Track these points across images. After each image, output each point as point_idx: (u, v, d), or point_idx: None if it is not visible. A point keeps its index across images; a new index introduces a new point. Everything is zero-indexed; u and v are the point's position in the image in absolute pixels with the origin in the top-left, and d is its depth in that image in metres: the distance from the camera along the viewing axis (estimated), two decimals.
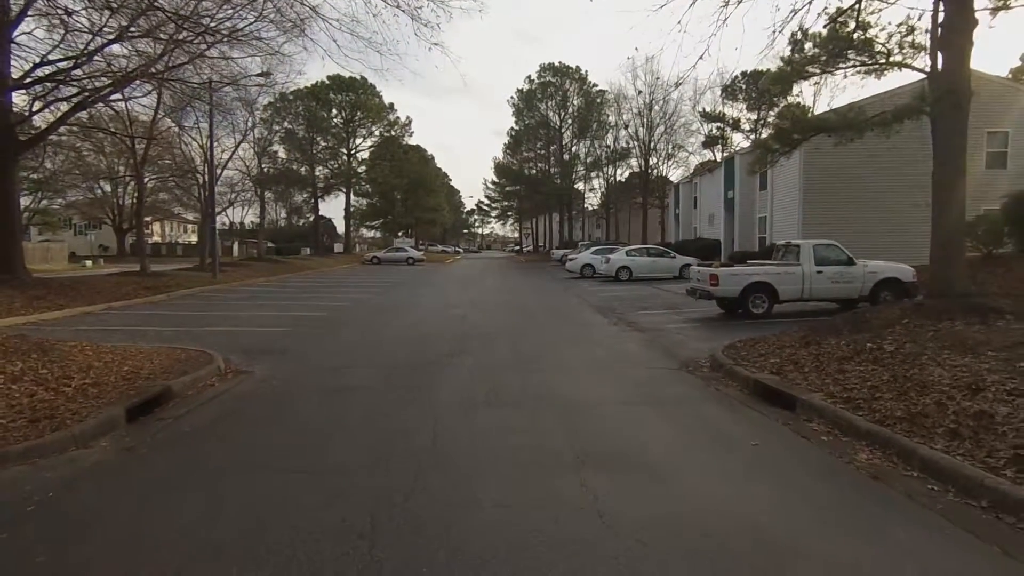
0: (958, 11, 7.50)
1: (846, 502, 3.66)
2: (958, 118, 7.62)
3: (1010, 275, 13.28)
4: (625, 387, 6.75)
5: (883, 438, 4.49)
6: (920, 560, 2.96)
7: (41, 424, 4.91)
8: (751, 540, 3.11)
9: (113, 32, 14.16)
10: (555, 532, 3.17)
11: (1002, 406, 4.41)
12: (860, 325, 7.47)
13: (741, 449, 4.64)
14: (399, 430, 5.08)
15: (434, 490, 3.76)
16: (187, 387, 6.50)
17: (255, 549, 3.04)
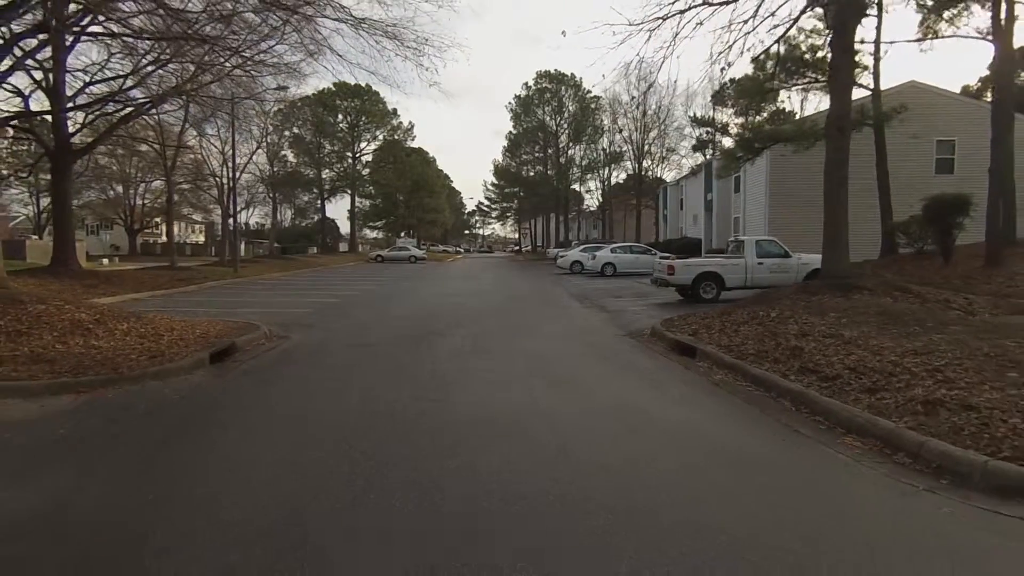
0: (841, 53, 9.59)
1: (691, 395, 5.83)
2: (842, 139, 9.69)
3: (931, 268, 15.37)
4: (579, 346, 8.90)
5: (735, 366, 6.64)
6: (713, 413, 5.13)
7: (157, 359, 7.07)
8: (630, 411, 5.27)
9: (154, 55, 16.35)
10: (505, 413, 5.31)
11: (811, 344, 6.56)
12: (762, 300, 9.62)
13: (643, 375, 6.81)
14: (406, 367, 7.24)
15: (429, 396, 5.91)
16: (246, 344, 8.66)
17: (322, 417, 5.21)
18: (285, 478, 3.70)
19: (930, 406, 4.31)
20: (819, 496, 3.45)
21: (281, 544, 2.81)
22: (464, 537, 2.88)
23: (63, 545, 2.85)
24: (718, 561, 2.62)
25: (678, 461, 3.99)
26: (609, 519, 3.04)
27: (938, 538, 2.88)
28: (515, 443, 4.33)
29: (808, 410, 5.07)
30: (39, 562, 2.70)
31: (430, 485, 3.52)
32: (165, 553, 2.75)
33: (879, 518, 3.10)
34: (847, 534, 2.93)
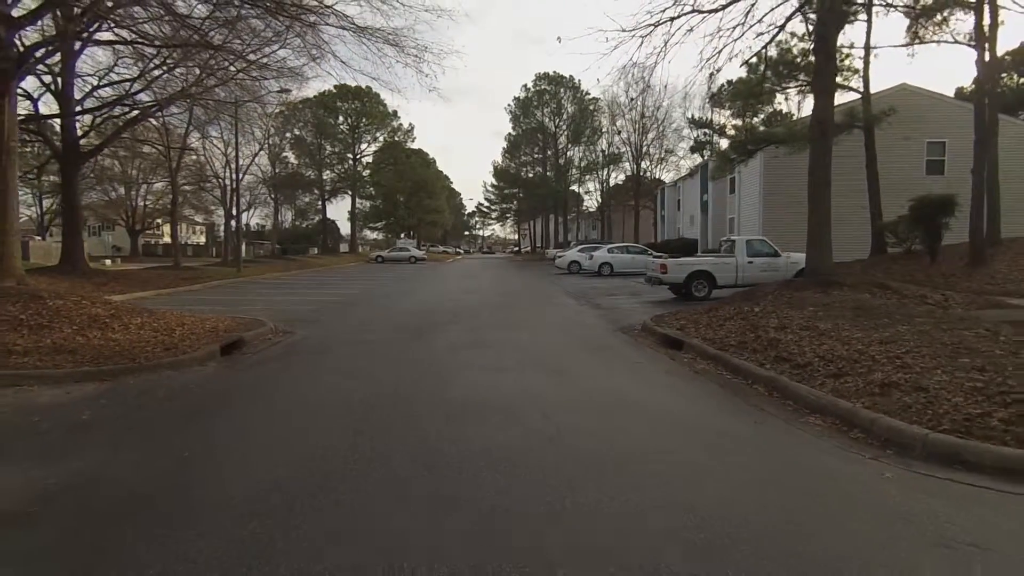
0: (823, 60, 10.00)
1: (673, 383, 6.24)
2: (824, 142, 10.08)
3: (918, 267, 15.78)
4: (570, 339, 9.31)
5: (717, 357, 7.05)
6: (691, 398, 5.53)
7: (171, 351, 7.48)
8: (613, 398, 5.68)
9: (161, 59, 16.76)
10: (498, 397, 5.72)
11: (788, 335, 6.97)
12: (748, 296, 10.03)
13: (630, 366, 7.21)
14: (406, 358, 7.65)
15: (425, 379, 6.32)
16: (254, 338, 9.06)
17: (323, 407, 5.62)
18: (300, 447, 4.11)
19: (886, 388, 4.72)
20: (775, 464, 3.86)
21: (301, 493, 3.22)
22: (455, 484, 3.28)
23: (96, 511, 3.24)
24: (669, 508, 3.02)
25: (652, 435, 4.39)
26: (579, 470, 3.45)
27: (874, 495, 3.29)
28: (505, 420, 4.73)
29: (779, 395, 5.48)
30: (75, 528, 3.07)
31: (427, 450, 3.94)
32: (200, 505, 3.16)
33: (825, 482, 3.51)
34: (794, 494, 3.34)
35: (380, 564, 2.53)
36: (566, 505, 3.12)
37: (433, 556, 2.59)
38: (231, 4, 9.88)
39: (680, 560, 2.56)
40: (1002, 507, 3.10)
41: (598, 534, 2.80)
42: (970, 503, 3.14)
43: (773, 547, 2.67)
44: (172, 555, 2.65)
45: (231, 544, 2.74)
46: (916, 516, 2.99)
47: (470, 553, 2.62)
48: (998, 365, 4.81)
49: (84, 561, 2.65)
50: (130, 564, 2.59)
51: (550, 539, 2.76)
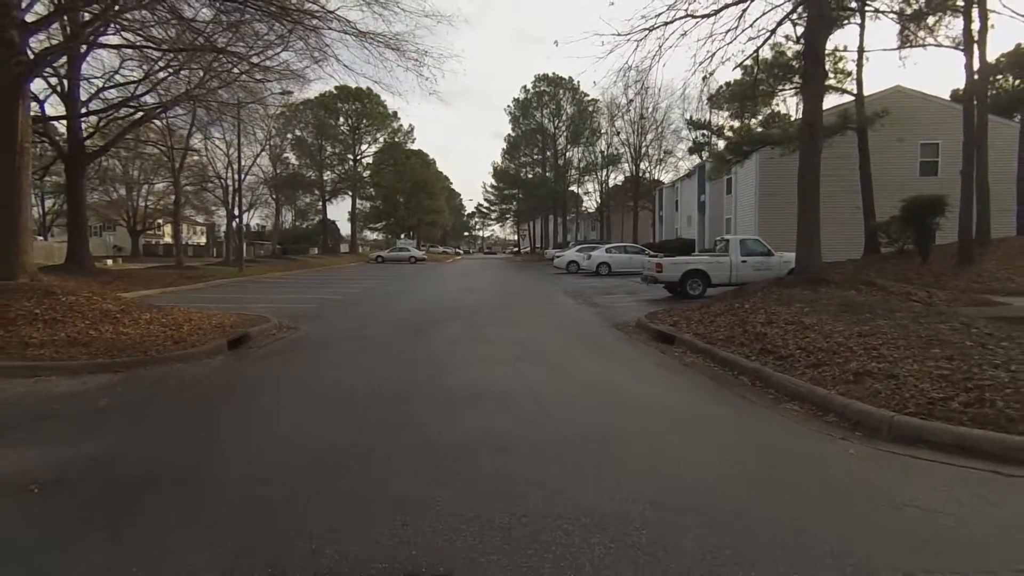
0: (812, 64, 10.29)
1: (662, 374, 6.53)
2: (813, 145, 10.37)
3: (909, 266, 16.07)
4: (567, 336, 9.59)
5: (707, 350, 7.33)
6: (679, 388, 5.82)
7: (180, 344, 7.76)
8: (605, 386, 5.97)
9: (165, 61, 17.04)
10: (494, 385, 6.01)
11: (774, 330, 7.26)
12: (740, 294, 10.31)
13: (623, 360, 7.50)
14: (407, 352, 7.94)
15: (428, 372, 6.61)
16: (259, 334, 9.34)
17: (329, 392, 5.91)
18: (309, 429, 4.39)
19: (860, 376, 5.00)
20: (749, 444, 4.14)
21: (320, 465, 3.51)
22: (452, 458, 3.57)
23: (120, 482, 3.53)
24: (643, 476, 3.31)
25: (638, 419, 4.68)
26: (566, 448, 3.73)
27: (836, 469, 3.57)
28: (501, 405, 5.01)
29: (762, 384, 5.76)
30: (102, 495, 3.35)
31: (425, 428, 4.22)
32: (218, 479, 3.45)
33: (792, 458, 3.80)
34: (762, 468, 3.63)
35: (385, 522, 2.81)
36: (551, 473, 3.41)
37: (433, 510, 2.88)
38: (236, 9, 10.12)
39: (650, 511, 2.85)
40: (955, 478, 3.38)
41: (579, 495, 3.09)
42: (924, 475, 3.43)
43: (733, 508, 2.96)
44: (192, 518, 2.93)
45: (251, 505, 3.03)
46: (872, 485, 3.27)
47: (468, 508, 2.91)
48: (966, 355, 5.10)
49: (111, 522, 2.93)
50: (155, 524, 2.87)
51: (533, 497, 3.04)
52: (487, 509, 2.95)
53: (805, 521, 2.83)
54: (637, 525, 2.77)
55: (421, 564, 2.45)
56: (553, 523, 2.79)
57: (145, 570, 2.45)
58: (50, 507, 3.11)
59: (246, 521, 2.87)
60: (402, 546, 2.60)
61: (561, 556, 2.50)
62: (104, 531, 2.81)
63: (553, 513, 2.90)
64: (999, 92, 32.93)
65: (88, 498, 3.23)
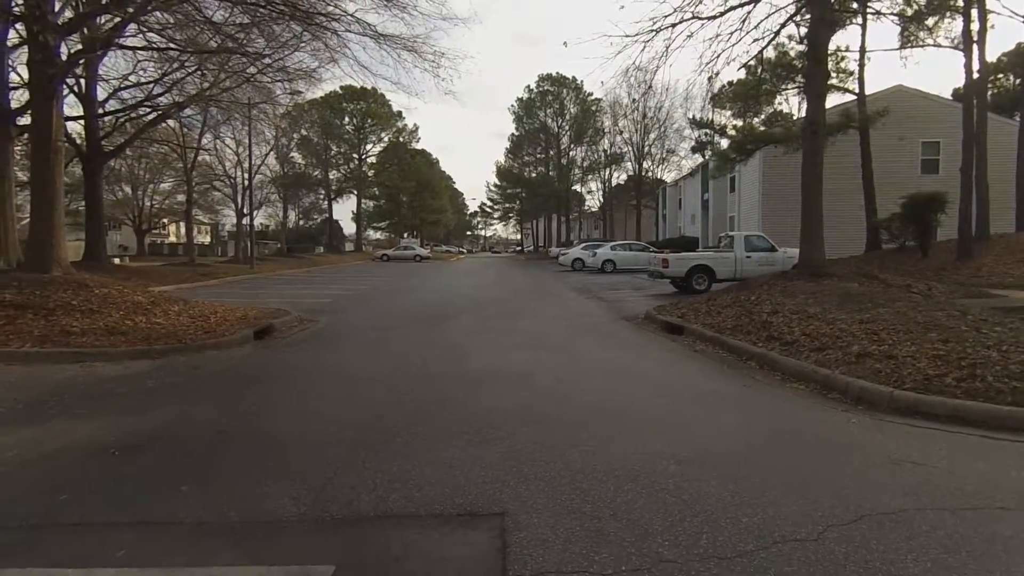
0: (814, 64, 10.62)
1: (673, 359, 6.88)
2: (816, 142, 10.70)
3: (909, 261, 16.39)
4: (577, 327, 9.95)
5: (715, 339, 7.68)
6: (689, 370, 6.18)
7: (210, 334, 8.12)
8: (618, 368, 6.32)
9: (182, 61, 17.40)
10: (513, 368, 6.37)
11: (779, 319, 7.60)
12: (745, 287, 10.66)
13: (633, 347, 7.86)
14: (425, 340, 8.31)
15: (446, 356, 6.97)
16: (281, 325, 9.70)
17: (362, 373, 6.27)
18: (351, 402, 4.76)
19: (861, 358, 5.35)
20: (755, 413, 4.49)
21: (369, 431, 3.87)
22: (490, 426, 3.93)
23: (189, 444, 3.90)
24: (660, 436, 3.66)
25: (654, 395, 5.03)
26: (592, 417, 4.09)
27: (838, 434, 3.92)
28: (526, 384, 5.37)
29: (769, 367, 6.11)
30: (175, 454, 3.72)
31: (460, 402, 4.58)
32: (281, 442, 3.81)
33: (797, 425, 4.15)
34: (767, 432, 3.98)
35: (439, 475, 3.17)
36: (581, 437, 3.77)
37: (481, 465, 3.24)
38: (263, 18, 10.48)
39: (674, 465, 3.21)
40: (948, 442, 3.73)
41: (610, 454, 3.44)
42: (920, 439, 3.78)
43: (746, 462, 3.31)
44: (265, 472, 3.29)
45: (316, 463, 3.39)
46: (871, 446, 3.63)
47: (511, 464, 3.26)
48: (961, 337, 5.44)
49: (196, 477, 3.30)
50: (234, 479, 3.23)
51: (569, 455, 3.40)
52: (529, 464, 3.31)
53: (811, 472, 3.18)
54: (664, 476, 3.13)
55: (478, 505, 2.81)
56: (590, 475, 3.15)
57: (238, 512, 2.81)
58: (134, 467, 3.47)
59: (315, 474, 3.24)
60: (459, 491, 2.96)
61: (599, 499, 2.86)
62: (191, 484, 3.17)
63: (588, 466, 3.26)
64: (999, 91, 33.20)
65: (165, 458, 3.59)
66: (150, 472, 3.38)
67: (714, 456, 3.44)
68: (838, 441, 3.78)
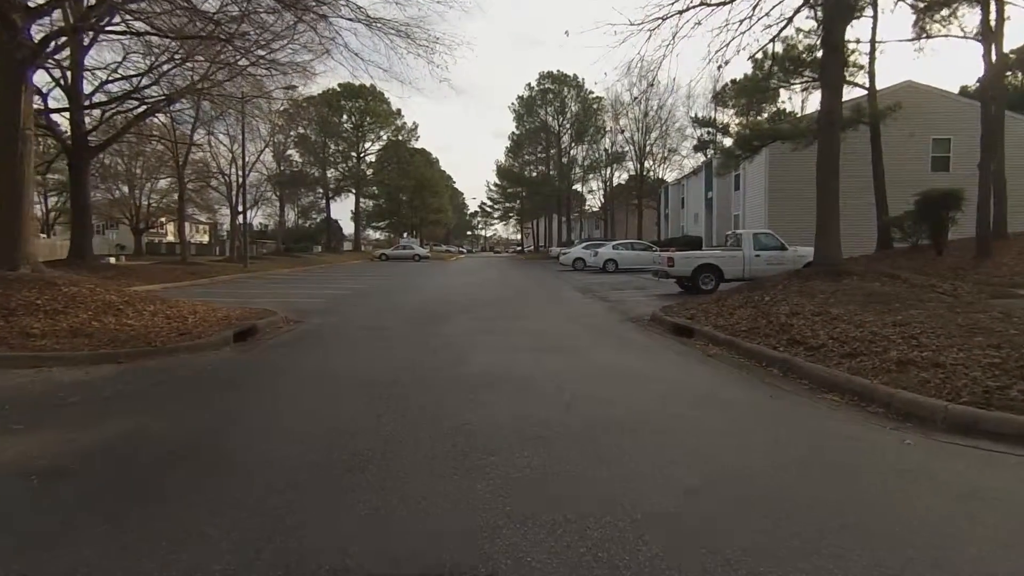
0: (830, 52, 10.03)
1: (684, 364, 6.29)
2: (832, 134, 10.12)
3: (924, 260, 15.78)
4: (580, 327, 9.35)
5: (729, 342, 7.08)
6: (705, 375, 5.58)
7: (186, 336, 7.54)
8: (624, 374, 5.72)
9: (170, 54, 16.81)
10: (511, 370, 5.78)
11: (800, 321, 7.00)
12: (757, 287, 10.06)
13: (641, 349, 7.26)
14: (421, 341, 7.71)
15: (441, 361, 6.38)
16: (266, 326, 9.10)
17: (352, 375, 5.67)
18: (328, 416, 4.16)
19: (902, 365, 4.75)
20: (791, 430, 3.90)
21: (339, 453, 3.27)
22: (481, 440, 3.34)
23: (133, 466, 3.31)
24: (684, 459, 3.07)
25: (670, 404, 4.43)
26: (593, 429, 3.49)
27: (896, 458, 3.33)
28: (521, 391, 4.78)
29: (795, 375, 5.51)
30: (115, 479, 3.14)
31: (449, 416, 3.98)
32: (231, 462, 3.21)
33: (844, 445, 3.55)
34: (812, 453, 3.38)
35: (404, 521, 2.58)
36: (592, 462, 3.17)
37: (456, 500, 2.64)
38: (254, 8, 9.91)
39: (706, 501, 2.60)
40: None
41: (621, 486, 2.85)
42: (994, 466, 3.19)
43: (786, 494, 2.72)
44: (205, 507, 2.70)
45: (273, 496, 2.80)
46: (939, 474, 3.04)
47: (495, 508, 2.68)
48: (1014, 343, 4.85)
49: (124, 505, 2.71)
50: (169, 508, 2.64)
51: (578, 489, 2.81)
52: (529, 501, 2.72)
53: (874, 509, 2.59)
54: (695, 517, 2.54)
55: (461, 564, 2.22)
56: (604, 517, 2.56)
57: None
58: (49, 498, 2.89)
59: (264, 517, 2.64)
60: (437, 543, 2.37)
61: (616, 554, 2.27)
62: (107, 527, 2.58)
63: (603, 506, 2.66)
64: (1010, 88, 32.58)
65: (91, 488, 3.00)
66: (66, 507, 2.79)
67: (754, 486, 2.85)
68: (895, 466, 3.18)
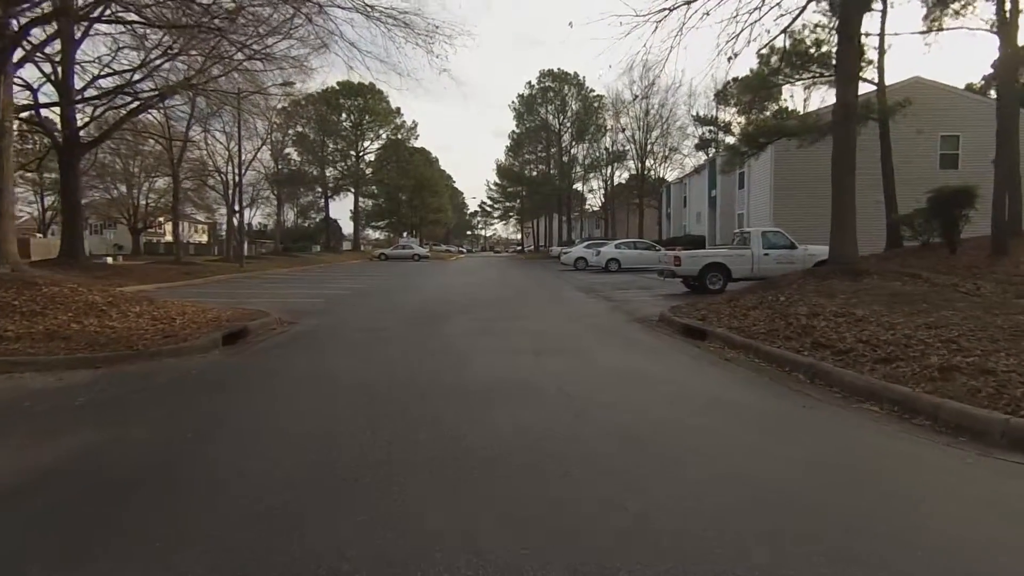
0: (846, 42, 9.63)
1: (700, 368, 5.87)
2: (848, 126, 9.72)
3: (936, 259, 15.36)
4: (585, 328, 8.93)
5: (747, 345, 6.67)
6: (724, 381, 5.16)
7: (171, 339, 7.12)
8: (636, 379, 5.31)
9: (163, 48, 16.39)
10: (511, 378, 5.36)
11: (822, 322, 6.59)
12: (771, 286, 9.65)
13: (652, 351, 6.84)
14: (420, 342, 7.29)
15: (439, 365, 5.97)
16: (258, 328, 8.68)
17: (328, 388, 5.25)
18: (311, 430, 3.74)
19: (946, 372, 4.34)
20: (837, 447, 3.48)
21: (309, 489, 2.86)
22: (478, 460, 2.92)
23: (92, 487, 2.90)
24: (721, 481, 2.65)
25: (692, 415, 4.02)
26: (606, 444, 3.08)
27: (962, 481, 2.91)
28: (526, 398, 4.37)
29: (823, 381, 5.10)
30: (71, 502, 2.74)
31: (444, 430, 3.57)
32: (209, 490, 2.80)
33: (900, 465, 3.14)
34: (873, 482, 2.96)
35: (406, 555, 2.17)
36: (608, 486, 2.75)
37: (444, 546, 2.23)
38: None
39: (755, 544, 2.19)
40: None
41: (646, 524, 2.44)
42: None
43: (846, 527, 2.30)
44: (163, 541, 2.29)
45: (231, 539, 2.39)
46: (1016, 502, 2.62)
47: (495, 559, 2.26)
48: None
49: (81, 533, 2.31)
50: (131, 538, 2.24)
51: (596, 525, 2.40)
52: (536, 542, 2.30)
53: (956, 551, 2.18)
54: (746, 566, 2.12)
55: None
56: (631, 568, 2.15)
57: None
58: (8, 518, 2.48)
59: (233, 552, 2.23)
60: None
61: None
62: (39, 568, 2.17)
63: (630, 553, 2.25)
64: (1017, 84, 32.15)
65: (40, 514, 2.59)
66: (9, 537, 2.38)
67: (808, 521, 2.44)
68: (963, 493, 2.77)
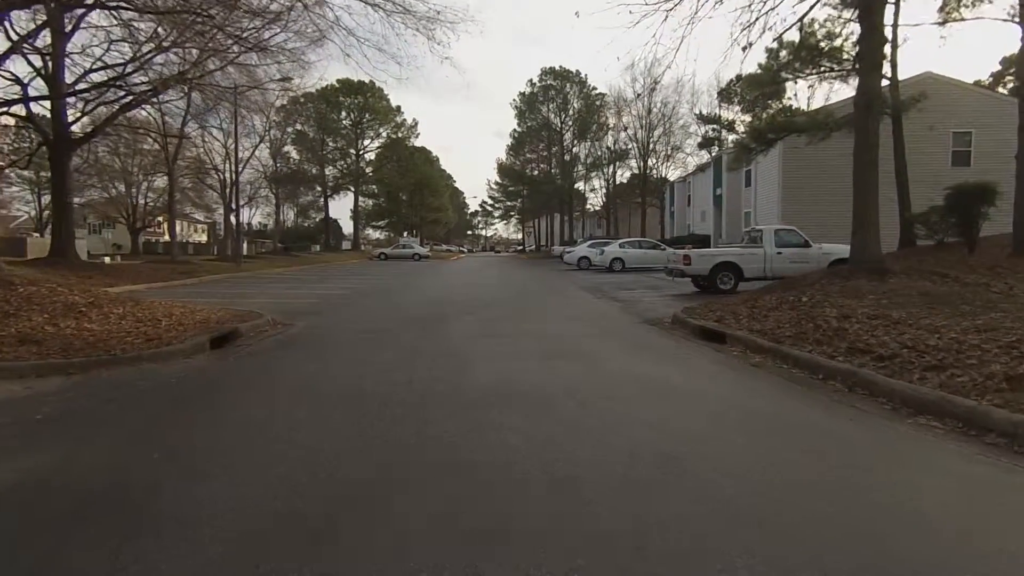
0: (868, 31, 9.14)
1: (728, 374, 5.38)
2: (869, 119, 9.24)
3: (954, 258, 14.88)
4: (591, 329, 8.46)
5: (773, 349, 6.18)
6: (758, 392, 4.67)
7: (154, 343, 6.63)
8: (656, 388, 4.82)
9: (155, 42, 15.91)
10: (518, 387, 4.87)
11: (855, 324, 6.10)
12: (790, 286, 9.16)
13: (668, 355, 6.36)
14: (419, 345, 6.81)
15: (439, 371, 5.48)
16: (249, 330, 8.21)
17: (319, 397, 4.77)
18: (302, 442, 3.25)
19: (1015, 382, 3.85)
20: (919, 477, 2.99)
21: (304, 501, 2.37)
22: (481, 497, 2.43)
23: (39, 516, 2.41)
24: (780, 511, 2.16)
25: (729, 431, 3.53)
26: (634, 469, 2.59)
27: None
28: (534, 410, 3.88)
29: (865, 391, 4.61)
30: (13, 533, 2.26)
31: (441, 453, 3.08)
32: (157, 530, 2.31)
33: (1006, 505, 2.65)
34: (969, 521, 2.48)
35: None
36: (641, 533, 2.26)
37: None
38: None
39: None
40: None
41: None
42: None
43: None
44: None
45: None
46: None
47: None
48: None
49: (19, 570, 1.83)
50: None
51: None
52: None
53: None
54: None
55: None
56: None
57: None
58: None
59: None
60: None
61: None
62: None
63: None
64: None
65: None
66: None
67: None
68: None
